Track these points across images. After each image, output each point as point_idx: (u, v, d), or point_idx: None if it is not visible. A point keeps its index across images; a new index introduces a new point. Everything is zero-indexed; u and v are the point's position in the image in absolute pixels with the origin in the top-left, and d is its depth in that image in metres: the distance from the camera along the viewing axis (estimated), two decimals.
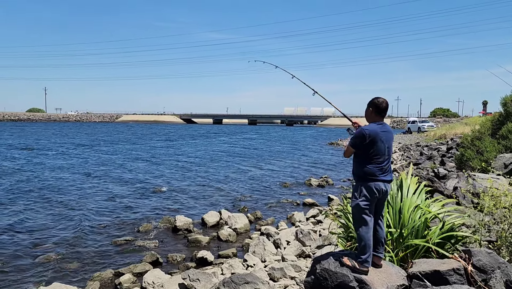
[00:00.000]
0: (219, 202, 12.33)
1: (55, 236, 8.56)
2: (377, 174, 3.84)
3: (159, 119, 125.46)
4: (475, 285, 3.81)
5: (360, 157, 3.86)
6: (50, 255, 7.34)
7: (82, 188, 14.02)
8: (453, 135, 29.13)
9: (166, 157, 25.44)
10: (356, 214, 3.94)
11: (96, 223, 9.65)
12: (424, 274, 3.96)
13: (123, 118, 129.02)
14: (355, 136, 3.83)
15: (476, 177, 7.90)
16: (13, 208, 10.93)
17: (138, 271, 6.53)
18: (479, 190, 7.43)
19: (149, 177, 16.89)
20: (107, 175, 17.21)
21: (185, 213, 10.36)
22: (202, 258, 6.97)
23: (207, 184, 15.38)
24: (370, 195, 3.85)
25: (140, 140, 42.43)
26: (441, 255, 4.59)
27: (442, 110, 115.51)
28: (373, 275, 4.00)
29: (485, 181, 7.87)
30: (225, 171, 19.24)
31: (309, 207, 11.50)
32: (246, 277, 4.99)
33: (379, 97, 4.01)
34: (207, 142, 41.55)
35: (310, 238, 7.30)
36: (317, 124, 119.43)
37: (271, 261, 6.52)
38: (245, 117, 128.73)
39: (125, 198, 12.55)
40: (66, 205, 11.41)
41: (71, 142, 36.33)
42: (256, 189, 14.56)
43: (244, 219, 9.43)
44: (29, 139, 39.69)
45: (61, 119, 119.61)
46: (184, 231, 8.98)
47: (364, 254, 3.91)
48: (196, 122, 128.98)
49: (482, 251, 3.95)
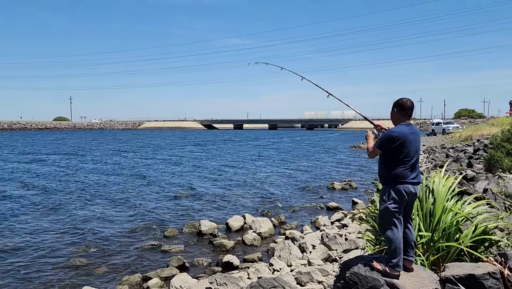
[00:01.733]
0: (243, 206, 12.35)
1: (84, 240, 8.74)
2: (406, 176, 3.77)
3: (180, 126, 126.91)
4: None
5: (389, 159, 3.78)
6: (80, 259, 7.48)
7: (107, 193, 14.28)
8: (480, 136, 28.34)
9: (189, 162, 25.68)
10: (385, 217, 3.87)
11: (121, 228, 9.81)
12: (458, 278, 3.85)
13: (145, 125, 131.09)
14: (383, 139, 3.76)
15: (508, 178, 7.67)
16: (44, 211, 11.22)
17: (165, 275, 6.59)
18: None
19: (173, 182, 17.07)
20: (129, 181, 17.48)
21: (209, 218, 10.41)
22: (228, 262, 6.98)
23: (230, 189, 15.44)
24: (399, 198, 3.78)
25: (163, 146, 42.98)
26: (474, 258, 4.47)
27: (467, 111, 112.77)
28: (404, 279, 3.91)
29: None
30: (247, 176, 19.28)
31: (333, 210, 11.39)
32: (273, 281, 4.97)
33: (403, 98, 3.94)
34: (229, 147, 41.75)
35: (336, 242, 7.22)
36: (338, 127, 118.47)
37: (297, 265, 6.47)
38: (266, 122, 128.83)
39: (149, 203, 12.71)
40: (90, 211, 11.64)
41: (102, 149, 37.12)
42: (279, 193, 14.52)
43: (268, 223, 9.41)
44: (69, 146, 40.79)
45: (85, 127, 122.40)
46: (209, 235, 9.02)
47: (395, 258, 3.84)
48: (217, 128, 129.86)
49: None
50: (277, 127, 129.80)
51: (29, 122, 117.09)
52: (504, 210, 6.37)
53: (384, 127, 4.15)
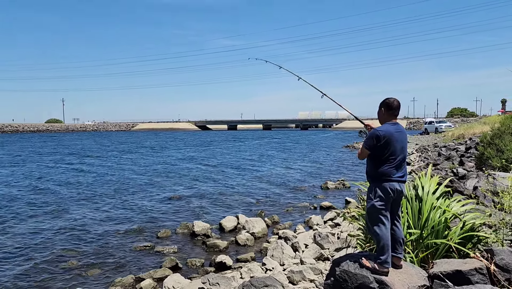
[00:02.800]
0: (236, 206, 12.38)
1: (76, 243, 8.72)
2: (392, 174, 3.83)
3: (174, 127, 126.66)
4: (498, 285, 3.75)
5: (375, 157, 3.84)
6: (72, 261, 7.47)
7: (100, 195, 14.24)
8: (472, 135, 28.61)
9: (183, 163, 25.65)
10: (372, 215, 3.92)
11: (115, 229, 9.80)
12: (445, 274, 3.91)
13: (139, 126, 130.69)
14: (369, 138, 3.82)
15: (497, 176, 7.77)
16: (31, 216, 11.17)
17: (158, 276, 6.60)
18: (500, 189, 7.31)
19: (166, 184, 17.05)
20: (124, 182, 17.44)
21: (202, 219, 10.43)
22: (221, 262, 7.01)
23: (223, 189, 15.45)
24: (385, 195, 3.83)
25: (157, 147, 42.89)
26: (462, 255, 4.54)
27: (460, 110, 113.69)
28: (393, 276, 3.97)
29: (506, 179, 7.74)
30: (241, 176, 19.31)
31: (326, 210, 11.45)
32: (265, 280, 5.01)
33: (390, 98, 4.01)
34: (223, 148, 41.73)
35: (329, 241, 7.27)
36: (332, 127, 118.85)
37: (290, 265, 6.51)
38: (260, 123, 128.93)
39: (142, 204, 12.70)
40: (85, 212, 11.61)
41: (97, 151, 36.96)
42: (273, 193, 14.56)
43: (261, 223, 9.45)
44: (64, 148, 40.54)
45: (78, 129, 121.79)
46: (202, 236, 9.04)
47: (383, 255, 3.89)
48: (211, 128, 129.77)
49: (505, 250, 3.89)
50: (271, 128, 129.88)
51: (21, 124, 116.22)
52: (493, 207, 6.46)
53: (373, 127, 4.20)
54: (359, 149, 4.06)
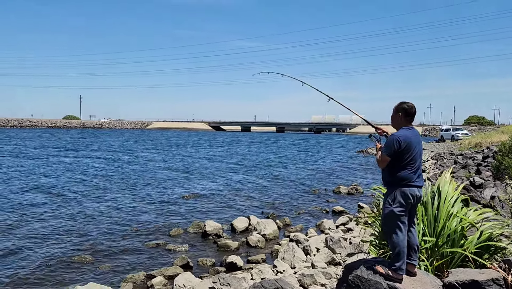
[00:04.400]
0: (248, 208, 12.38)
1: (89, 238, 8.81)
2: (412, 179, 3.77)
3: (188, 127, 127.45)
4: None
5: (394, 163, 3.77)
6: (85, 256, 7.55)
7: (114, 192, 14.39)
8: (489, 144, 28.08)
9: (196, 163, 25.77)
10: (390, 221, 3.86)
11: (128, 226, 9.88)
12: (461, 284, 3.84)
13: (154, 125, 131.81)
14: (389, 145, 3.73)
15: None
16: (50, 208, 11.34)
17: (169, 274, 6.63)
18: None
19: (179, 183, 17.16)
20: (138, 180, 17.60)
21: (214, 218, 10.44)
22: (232, 262, 7.00)
23: (235, 190, 15.47)
24: (405, 201, 3.77)
25: (170, 148, 43.21)
26: (479, 264, 4.45)
27: (477, 118, 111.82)
28: (407, 283, 3.91)
29: None
30: (253, 178, 19.31)
31: (339, 214, 11.37)
32: (276, 282, 4.99)
33: (406, 102, 3.93)
34: (237, 149, 41.83)
35: (341, 246, 7.21)
36: (346, 132, 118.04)
37: (301, 268, 6.48)
38: (273, 125, 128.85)
39: (155, 203, 12.79)
40: (100, 208, 11.74)
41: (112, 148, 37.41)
42: (285, 196, 14.52)
43: (273, 225, 9.42)
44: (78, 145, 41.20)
45: (94, 126, 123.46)
46: (213, 236, 9.05)
47: (398, 262, 3.83)
48: (224, 129, 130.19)
49: None
50: (285, 131, 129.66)
51: (39, 120, 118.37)
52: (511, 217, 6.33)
53: (385, 131, 4.14)
54: (377, 155, 3.93)
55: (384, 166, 3.85)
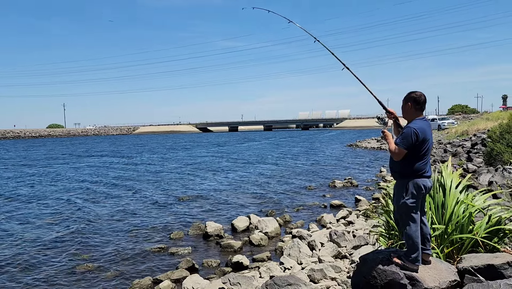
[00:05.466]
0: (246, 207, 12.33)
1: (90, 245, 8.68)
2: (424, 170, 3.77)
3: (175, 130, 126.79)
4: None
5: (408, 154, 3.73)
6: (87, 264, 7.43)
7: (110, 198, 14.21)
8: (476, 131, 28.54)
9: (189, 165, 25.61)
10: (403, 213, 3.86)
11: (127, 230, 9.76)
12: (476, 269, 3.86)
13: (140, 130, 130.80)
14: (406, 137, 3.67)
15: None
16: (50, 215, 11.13)
17: (176, 277, 6.55)
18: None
19: (174, 185, 17.02)
20: (133, 184, 17.40)
21: (213, 219, 10.37)
22: (238, 262, 6.96)
23: (231, 190, 15.42)
24: (418, 192, 3.77)
25: (161, 150, 42.87)
26: (489, 249, 4.49)
27: (461, 106, 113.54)
28: (423, 272, 3.92)
29: None
30: (247, 176, 19.27)
31: (337, 208, 11.40)
32: (288, 279, 4.96)
33: (415, 91, 3.90)
34: (226, 149, 41.73)
35: (345, 239, 7.22)
36: (333, 127, 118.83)
37: (308, 263, 6.46)
38: (261, 124, 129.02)
39: (153, 206, 12.67)
40: (98, 214, 11.57)
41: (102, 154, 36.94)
42: (281, 193, 14.52)
43: (274, 222, 9.40)
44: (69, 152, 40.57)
45: (80, 133, 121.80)
46: (215, 236, 8.99)
47: (414, 253, 3.83)
48: (212, 130, 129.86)
49: None
50: (272, 128, 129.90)
51: (23, 130, 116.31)
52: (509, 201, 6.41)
53: (396, 116, 4.09)
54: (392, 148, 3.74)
55: (400, 158, 3.76)
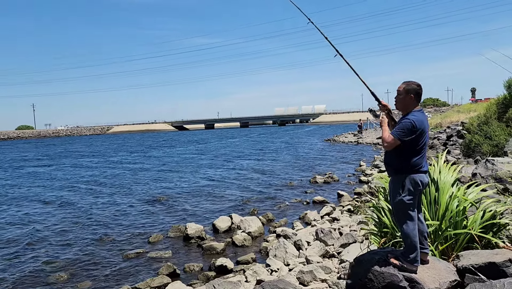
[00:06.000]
0: (226, 206, 12.00)
1: (61, 254, 8.17)
2: (421, 166, 3.55)
3: (150, 128, 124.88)
4: None
5: (404, 148, 3.51)
6: (60, 274, 6.94)
7: (82, 201, 13.59)
8: (449, 123, 29.11)
9: (165, 164, 25.01)
10: (400, 211, 3.64)
11: (102, 236, 9.26)
12: (477, 267, 3.68)
13: (114, 129, 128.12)
14: (403, 128, 3.45)
15: (496, 161, 7.68)
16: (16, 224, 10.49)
17: (157, 284, 6.17)
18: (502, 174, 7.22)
19: (152, 185, 16.49)
20: (107, 186, 16.77)
21: (193, 220, 10.01)
22: (222, 265, 6.64)
23: (210, 188, 15.04)
24: (415, 189, 3.55)
25: (138, 150, 41.90)
26: (484, 244, 4.34)
27: (432, 100, 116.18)
28: (422, 272, 3.71)
29: (505, 164, 7.67)
30: (227, 174, 18.92)
31: (320, 204, 11.22)
32: (278, 283, 4.69)
33: (414, 82, 3.65)
34: (203, 147, 41.17)
35: (332, 237, 7.01)
36: (309, 122, 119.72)
37: (295, 264, 6.21)
38: (237, 120, 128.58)
39: (130, 208, 12.17)
40: (69, 218, 11.00)
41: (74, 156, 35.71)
42: (261, 190, 14.25)
43: (257, 222, 9.11)
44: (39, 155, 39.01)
45: (51, 134, 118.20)
46: (196, 238, 8.63)
47: (412, 253, 3.62)
48: (188, 128, 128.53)
49: None
50: (249, 125, 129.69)
51: None
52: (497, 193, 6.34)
53: (389, 108, 3.86)
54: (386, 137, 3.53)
55: (391, 148, 3.55)
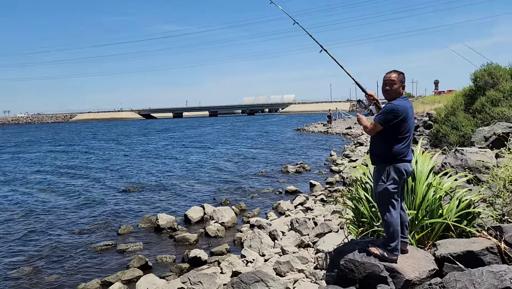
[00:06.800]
0: (198, 196, 11.80)
1: (24, 247, 7.76)
2: (405, 154, 3.52)
3: (116, 116, 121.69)
4: (509, 263, 3.61)
5: (388, 136, 3.48)
6: (23, 269, 6.59)
7: (48, 191, 13.01)
8: (415, 114, 29.84)
9: (133, 153, 24.39)
10: (383, 199, 3.61)
11: (68, 229, 8.89)
12: (455, 256, 3.71)
13: (78, 117, 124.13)
14: (386, 112, 3.42)
15: (465, 151, 7.85)
16: None
17: (128, 278, 5.96)
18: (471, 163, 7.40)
19: (120, 175, 16.02)
20: (74, 176, 16.15)
21: (165, 211, 9.79)
22: (195, 257, 6.49)
23: (181, 178, 14.76)
24: (399, 178, 3.53)
25: (105, 138, 40.68)
26: (459, 233, 4.40)
27: None
28: (402, 262, 3.71)
29: (474, 154, 7.86)
30: (198, 164, 18.65)
31: (293, 194, 11.22)
32: (255, 274, 4.60)
33: (400, 71, 3.63)
34: (173, 136, 40.49)
35: (307, 227, 6.99)
36: (278, 112, 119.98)
37: (271, 254, 6.14)
38: (206, 110, 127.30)
39: (97, 199, 11.74)
40: (32, 210, 10.49)
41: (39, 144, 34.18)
42: (233, 180, 14.12)
43: (230, 212, 8.99)
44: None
45: (10, 122, 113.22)
46: (168, 229, 8.42)
47: (393, 241, 3.61)
48: (155, 117, 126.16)
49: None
50: (218, 114, 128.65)
51: None
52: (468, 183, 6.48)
53: (376, 98, 3.84)
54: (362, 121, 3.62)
55: (373, 133, 3.55)
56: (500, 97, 10.69)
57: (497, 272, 3.15)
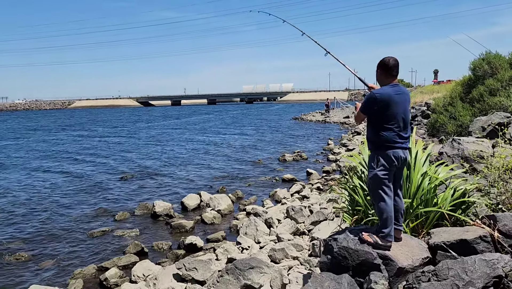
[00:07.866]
0: (195, 184, 11.81)
1: (21, 232, 7.79)
2: (395, 141, 3.52)
3: (115, 104, 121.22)
4: (502, 251, 3.63)
5: (375, 123, 3.52)
6: (21, 254, 6.61)
7: (46, 177, 13.01)
8: (414, 104, 29.80)
9: (132, 141, 24.36)
10: (374, 185, 3.62)
11: (66, 215, 8.91)
12: (449, 244, 3.72)
13: (76, 104, 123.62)
14: (365, 101, 3.50)
15: (462, 140, 7.86)
16: None
17: (124, 263, 6.00)
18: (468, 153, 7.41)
19: (117, 163, 16.01)
20: (72, 162, 16.14)
21: (161, 198, 9.82)
22: (191, 244, 6.52)
23: (178, 166, 14.77)
24: (389, 164, 3.53)
25: (103, 125, 40.58)
26: (453, 221, 4.42)
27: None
28: (395, 250, 3.73)
29: (470, 144, 7.87)
30: (195, 151, 18.65)
31: (289, 182, 11.24)
32: (250, 261, 4.62)
33: (385, 57, 3.64)
34: (170, 124, 40.40)
35: (302, 215, 7.02)
36: (277, 100, 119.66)
37: (267, 242, 6.17)
38: (204, 97, 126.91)
39: (94, 185, 11.77)
40: (28, 196, 10.50)
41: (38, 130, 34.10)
42: (231, 168, 14.13)
43: (226, 199, 9.01)
44: None
45: (8, 108, 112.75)
46: (164, 216, 8.45)
47: (386, 228, 3.63)
48: (153, 104, 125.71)
49: (507, 216, 3.75)
50: (216, 102, 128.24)
51: None
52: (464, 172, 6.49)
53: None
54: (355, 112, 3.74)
55: (359, 122, 3.72)
56: (499, 87, 10.67)
57: (489, 260, 3.17)
